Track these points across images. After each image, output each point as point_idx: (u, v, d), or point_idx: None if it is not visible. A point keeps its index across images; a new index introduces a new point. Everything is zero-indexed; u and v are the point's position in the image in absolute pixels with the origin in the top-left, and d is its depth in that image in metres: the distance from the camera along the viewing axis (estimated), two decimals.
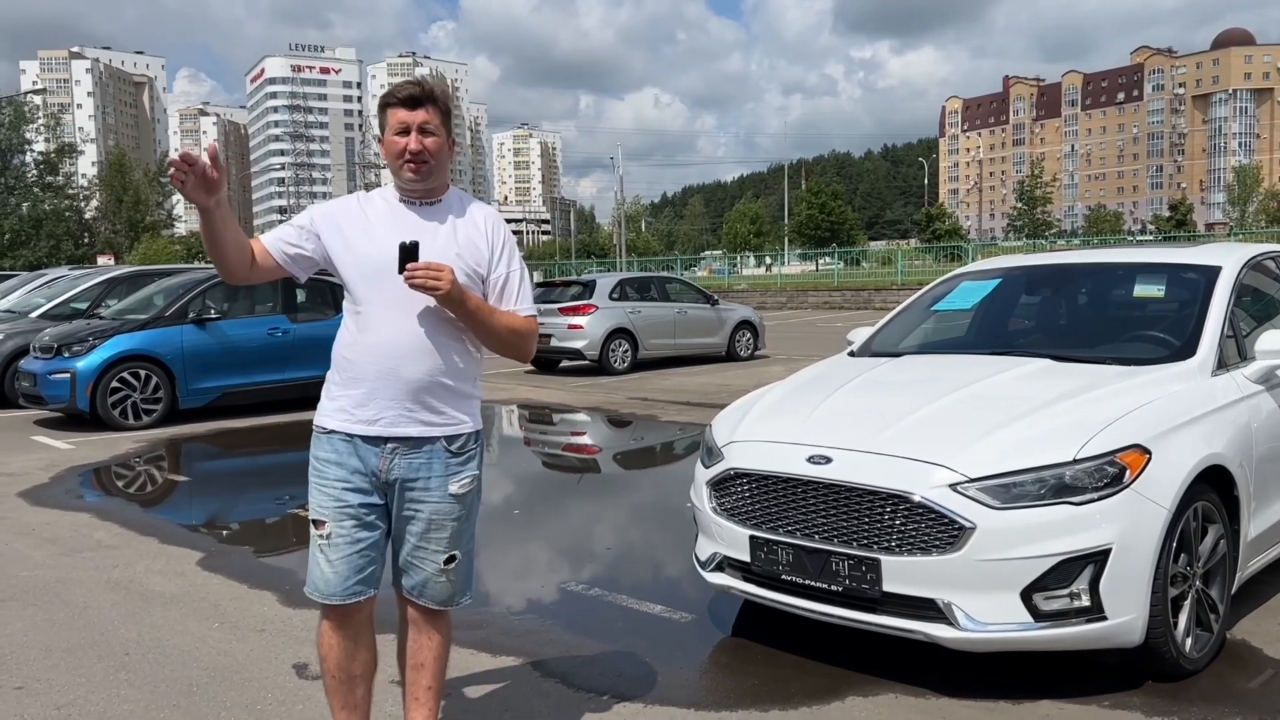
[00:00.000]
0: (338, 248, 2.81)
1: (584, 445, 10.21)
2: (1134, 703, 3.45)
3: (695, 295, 17.48)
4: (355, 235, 2.81)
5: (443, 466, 2.82)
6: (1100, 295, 5.27)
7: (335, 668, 2.85)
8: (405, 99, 2.76)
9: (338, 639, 2.83)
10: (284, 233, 2.87)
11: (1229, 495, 3.81)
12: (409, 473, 2.79)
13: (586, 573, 5.33)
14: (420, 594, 2.88)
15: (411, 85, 2.79)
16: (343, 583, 2.76)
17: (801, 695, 3.60)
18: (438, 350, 2.77)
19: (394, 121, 2.76)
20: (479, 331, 2.83)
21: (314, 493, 2.81)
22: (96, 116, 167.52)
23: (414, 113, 2.75)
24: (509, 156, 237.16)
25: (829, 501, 3.59)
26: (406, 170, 2.76)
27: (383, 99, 2.84)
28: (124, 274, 14.67)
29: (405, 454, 2.78)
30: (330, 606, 2.79)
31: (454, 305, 2.72)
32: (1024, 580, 3.32)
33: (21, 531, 6.32)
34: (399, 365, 2.73)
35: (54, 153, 58.10)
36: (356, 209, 2.87)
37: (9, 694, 3.76)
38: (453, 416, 2.82)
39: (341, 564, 2.75)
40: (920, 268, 41.62)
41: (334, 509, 2.76)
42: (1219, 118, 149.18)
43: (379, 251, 2.74)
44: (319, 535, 2.78)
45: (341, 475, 2.77)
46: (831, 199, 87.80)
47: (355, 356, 2.77)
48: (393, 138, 2.76)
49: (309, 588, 2.82)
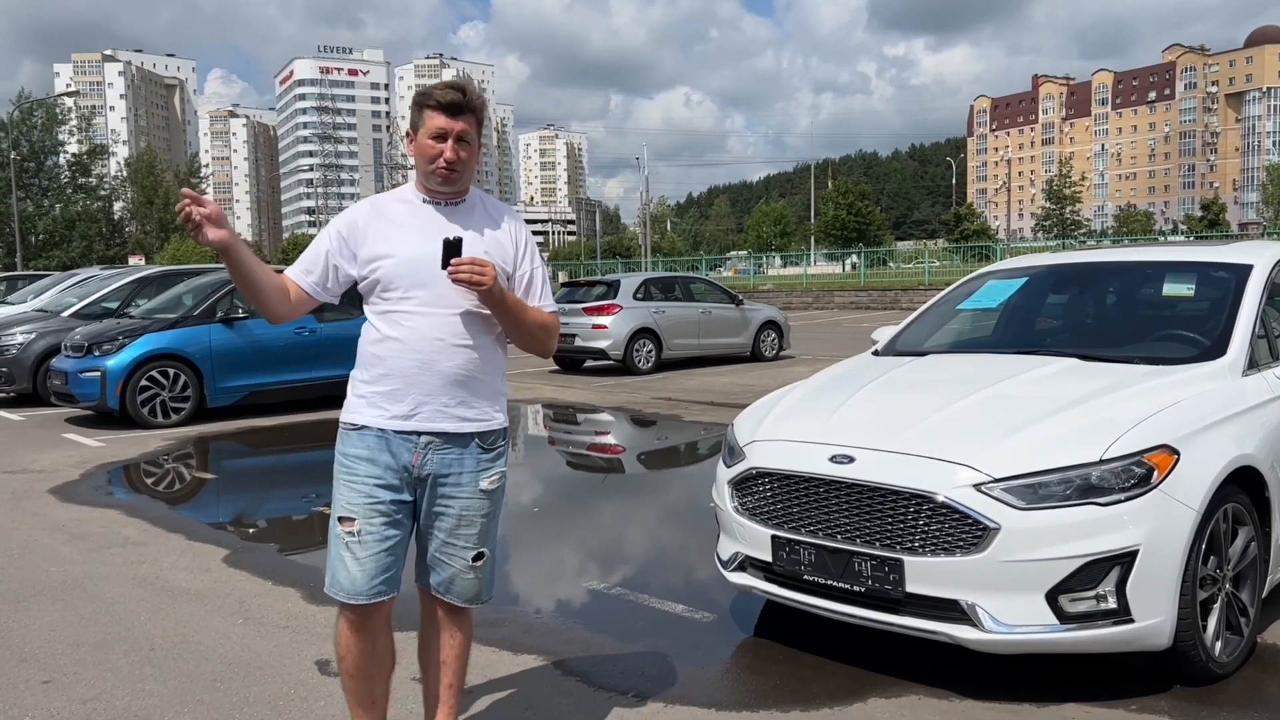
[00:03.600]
0: (372, 251, 2.78)
1: (608, 445, 10.21)
2: (1162, 707, 3.40)
3: (720, 295, 17.45)
4: (387, 237, 2.78)
5: (474, 462, 2.83)
6: (1128, 294, 5.21)
7: (354, 667, 2.85)
8: (448, 105, 2.73)
9: (357, 639, 2.82)
10: (309, 263, 2.85)
11: (1260, 497, 3.75)
12: (442, 468, 2.79)
13: (609, 572, 5.33)
14: (447, 590, 2.88)
15: (454, 91, 2.74)
16: (369, 581, 2.75)
17: (823, 696, 3.58)
18: (474, 346, 2.79)
19: (431, 125, 2.73)
20: (512, 326, 2.84)
21: (342, 489, 2.79)
22: (129, 119, 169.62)
23: (454, 121, 2.73)
24: (535, 157, 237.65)
25: (851, 501, 3.57)
26: (438, 175, 2.76)
27: (421, 98, 2.78)
28: (153, 274, 14.84)
29: (439, 449, 2.78)
30: (352, 606, 2.78)
31: (494, 300, 2.73)
32: (1049, 582, 3.28)
33: (51, 527, 6.40)
34: (436, 360, 2.74)
35: (86, 154, 58.89)
36: (375, 213, 2.85)
37: (36, 688, 3.80)
38: (485, 412, 2.84)
39: (370, 561, 2.75)
40: (948, 268, 41.34)
41: (365, 505, 2.75)
42: (1253, 116, 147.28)
43: (415, 250, 2.73)
44: (347, 532, 2.76)
45: (374, 471, 2.76)
46: (859, 199, 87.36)
47: (388, 354, 2.76)
48: (429, 141, 2.73)
49: (331, 587, 2.80)
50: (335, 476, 2.82)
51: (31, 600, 4.90)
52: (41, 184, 57.59)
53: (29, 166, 55.89)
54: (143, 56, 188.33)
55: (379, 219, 2.83)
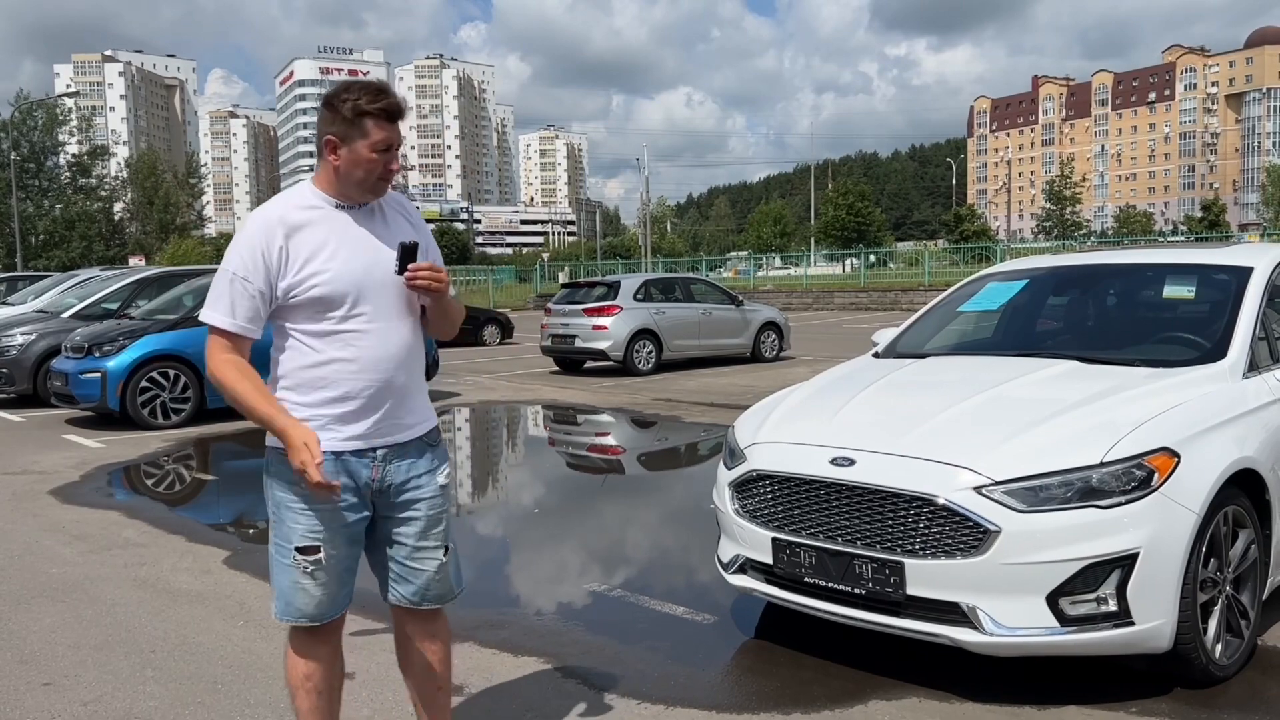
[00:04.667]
0: (307, 271, 2.56)
1: (608, 446, 10.21)
2: (1162, 709, 3.40)
3: (720, 296, 17.45)
4: (314, 253, 2.57)
5: (427, 462, 2.77)
6: (1129, 296, 5.21)
7: (323, 684, 2.75)
8: (391, 113, 2.57)
9: (326, 651, 2.75)
10: (250, 315, 2.60)
11: (1260, 499, 3.75)
12: (401, 475, 2.71)
13: (609, 574, 5.33)
14: (424, 598, 2.80)
15: (387, 95, 2.57)
16: (332, 601, 2.70)
17: (824, 698, 3.58)
18: (415, 351, 2.73)
19: (376, 136, 2.56)
20: (444, 321, 2.80)
21: (299, 518, 2.63)
22: (129, 119, 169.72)
23: (394, 128, 2.59)
24: (535, 158, 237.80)
25: (852, 504, 3.57)
26: (379, 187, 2.65)
27: (357, 105, 2.54)
28: (154, 275, 14.83)
29: (395, 459, 2.70)
30: (321, 626, 2.71)
31: (445, 300, 2.71)
32: (1050, 584, 3.29)
33: (52, 529, 6.40)
34: (393, 377, 2.65)
35: (86, 155, 58.96)
36: (286, 229, 2.58)
37: (37, 690, 3.81)
38: (424, 413, 2.79)
39: (334, 584, 2.68)
40: (948, 269, 41.34)
41: (331, 532, 2.64)
42: (1253, 116, 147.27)
43: (349, 263, 2.58)
44: (310, 561, 2.63)
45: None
46: (859, 199, 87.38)
47: (338, 376, 2.60)
48: (372, 154, 2.56)
49: (287, 614, 2.67)
50: (281, 504, 2.65)
51: (32, 602, 4.90)
52: (42, 184, 57.67)
53: (29, 167, 55.99)
54: (143, 57, 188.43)
55: (294, 234, 2.58)
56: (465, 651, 4.11)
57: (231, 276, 2.58)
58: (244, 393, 2.59)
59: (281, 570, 2.67)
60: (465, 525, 6.74)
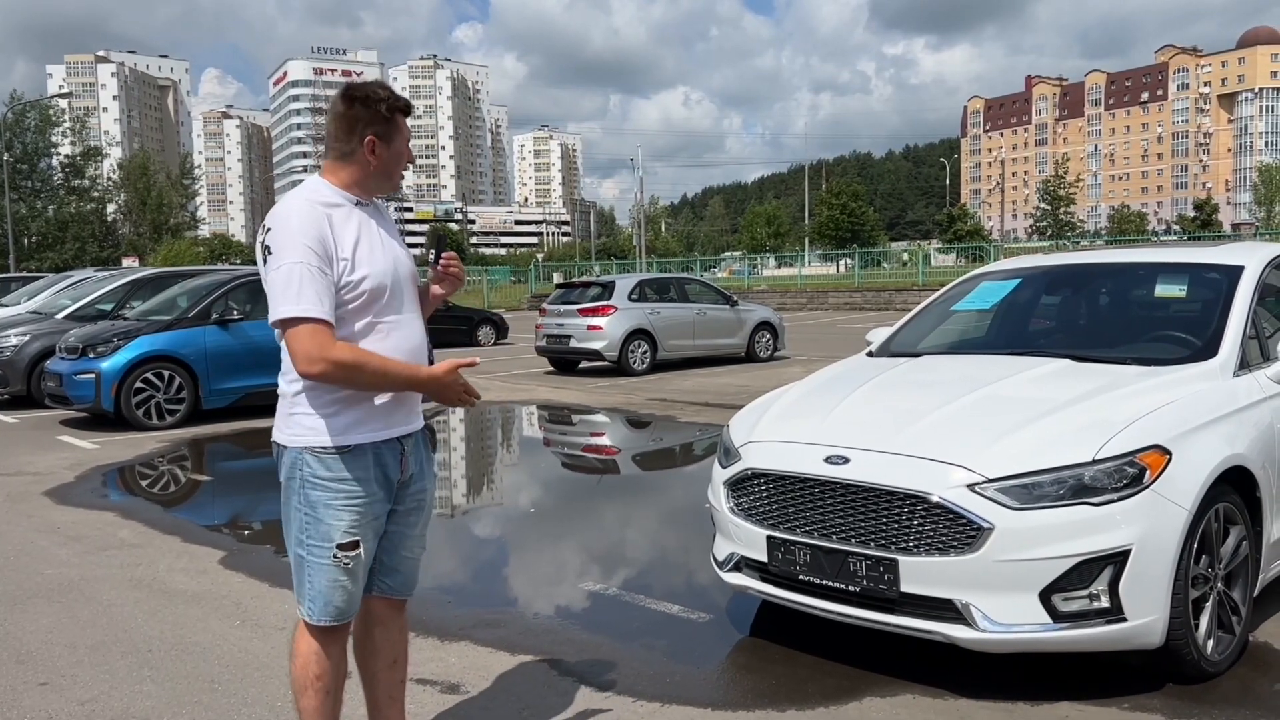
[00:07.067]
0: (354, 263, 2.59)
1: (603, 446, 10.22)
2: (1154, 705, 3.42)
3: (715, 296, 17.46)
4: (358, 246, 2.61)
5: (428, 452, 2.89)
6: (1121, 295, 5.24)
7: (333, 684, 2.75)
8: (408, 107, 2.74)
9: (339, 650, 2.76)
10: (329, 296, 2.55)
11: (1251, 497, 3.78)
12: (417, 465, 2.81)
13: (605, 573, 5.34)
14: (405, 587, 2.88)
15: (395, 93, 2.69)
16: (359, 596, 2.74)
17: (819, 695, 3.60)
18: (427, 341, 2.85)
19: (407, 132, 2.73)
20: (428, 312, 2.92)
21: (340, 514, 2.61)
22: (122, 120, 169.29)
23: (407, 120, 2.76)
24: (529, 158, 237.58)
25: (846, 502, 3.59)
26: (399, 181, 2.77)
27: (394, 103, 2.66)
28: (148, 275, 14.82)
29: (413, 448, 2.79)
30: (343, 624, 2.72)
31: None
32: (1043, 581, 3.31)
33: (47, 530, 6.40)
34: (421, 364, 2.74)
35: (79, 156, 58.84)
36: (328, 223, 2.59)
37: (34, 690, 3.81)
38: (419, 404, 2.86)
39: (363, 579, 2.73)
40: (941, 269, 41.40)
41: (363, 527, 2.65)
42: (1245, 116, 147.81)
43: (384, 256, 2.66)
44: (351, 557, 2.62)
45: (373, 490, 2.66)
46: (852, 199, 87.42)
47: None
48: (407, 149, 2.73)
49: (324, 615, 2.66)
50: (318, 504, 2.61)
51: (28, 602, 4.90)
52: (35, 186, 57.51)
53: (22, 168, 55.81)
54: (136, 58, 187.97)
55: (335, 225, 2.59)
56: (462, 650, 4.13)
57: (305, 266, 2.50)
58: (379, 365, 2.56)
59: (319, 571, 2.64)
60: (462, 526, 6.76)
